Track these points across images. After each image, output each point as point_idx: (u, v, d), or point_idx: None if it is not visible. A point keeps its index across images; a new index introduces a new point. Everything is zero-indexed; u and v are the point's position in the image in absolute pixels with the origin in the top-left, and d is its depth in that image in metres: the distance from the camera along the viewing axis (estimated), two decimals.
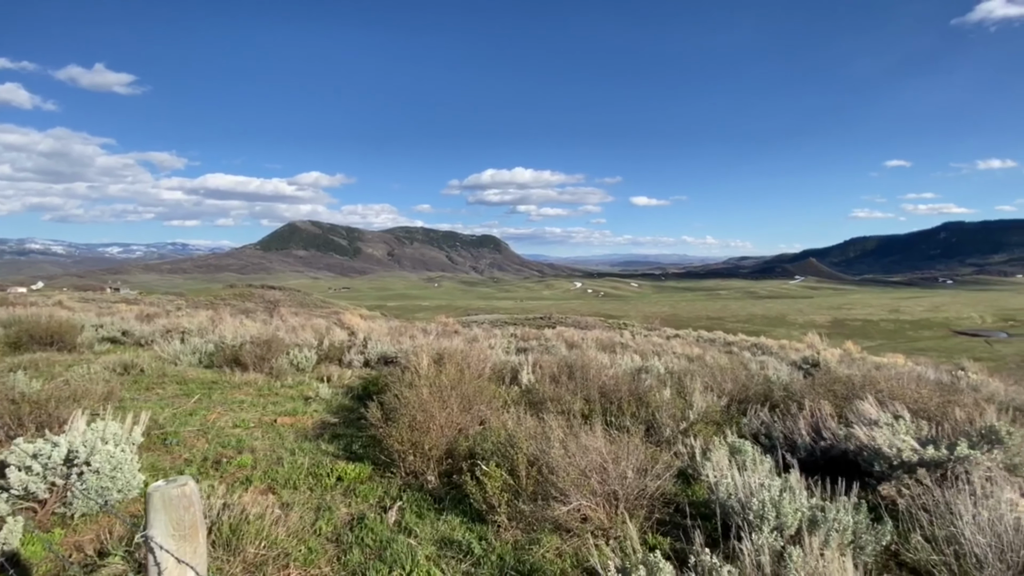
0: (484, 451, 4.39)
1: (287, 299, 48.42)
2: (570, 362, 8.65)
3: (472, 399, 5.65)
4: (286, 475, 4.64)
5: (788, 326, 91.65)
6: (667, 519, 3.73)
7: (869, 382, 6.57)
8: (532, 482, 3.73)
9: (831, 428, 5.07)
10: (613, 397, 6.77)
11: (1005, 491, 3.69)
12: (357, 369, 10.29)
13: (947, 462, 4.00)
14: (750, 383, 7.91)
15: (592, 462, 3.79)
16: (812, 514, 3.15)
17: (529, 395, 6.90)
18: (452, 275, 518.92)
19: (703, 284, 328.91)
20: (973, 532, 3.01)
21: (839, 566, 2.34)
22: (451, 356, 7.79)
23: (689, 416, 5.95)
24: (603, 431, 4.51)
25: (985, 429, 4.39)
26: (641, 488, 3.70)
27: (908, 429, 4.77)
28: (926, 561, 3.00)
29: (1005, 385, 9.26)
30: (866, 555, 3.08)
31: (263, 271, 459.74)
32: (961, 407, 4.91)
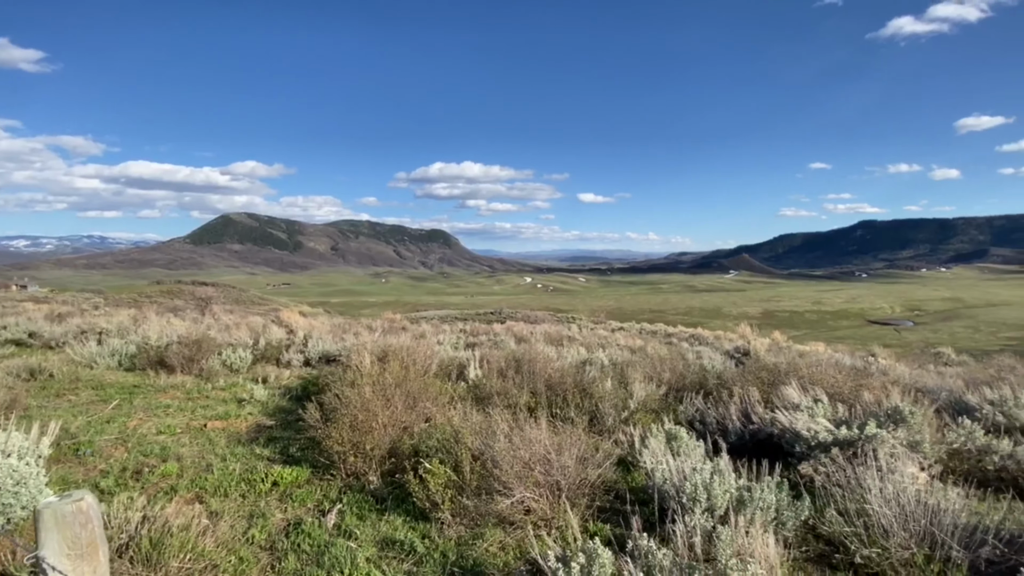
0: (429, 448, 4.33)
1: (221, 296, 45.64)
2: (518, 356, 8.71)
3: (417, 396, 5.56)
4: (216, 482, 4.38)
5: (724, 318, 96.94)
6: (608, 506, 3.84)
7: (793, 369, 7.05)
8: (476, 477, 3.72)
9: (758, 413, 5.40)
10: (559, 389, 6.88)
11: (908, 466, 4.08)
12: (296, 369, 9.88)
13: (858, 441, 4.37)
14: (687, 372, 8.29)
15: (536, 454, 3.83)
16: (740, 494, 3.34)
17: (476, 390, 6.88)
18: (400, 270, 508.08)
19: (646, 278, 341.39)
20: (880, 504, 3.30)
21: (762, 542, 2.50)
22: (396, 353, 7.63)
23: (630, 405, 6.15)
24: (548, 423, 4.57)
25: (891, 410, 4.83)
26: (583, 477, 3.78)
27: (825, 412, 5.17)
28: (840, 533, 3.25)
29: (909, 369, 10.26)
30: (787, 530, 3.30)
31: (194, 266, 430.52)
32: (870, 390, 5.38)
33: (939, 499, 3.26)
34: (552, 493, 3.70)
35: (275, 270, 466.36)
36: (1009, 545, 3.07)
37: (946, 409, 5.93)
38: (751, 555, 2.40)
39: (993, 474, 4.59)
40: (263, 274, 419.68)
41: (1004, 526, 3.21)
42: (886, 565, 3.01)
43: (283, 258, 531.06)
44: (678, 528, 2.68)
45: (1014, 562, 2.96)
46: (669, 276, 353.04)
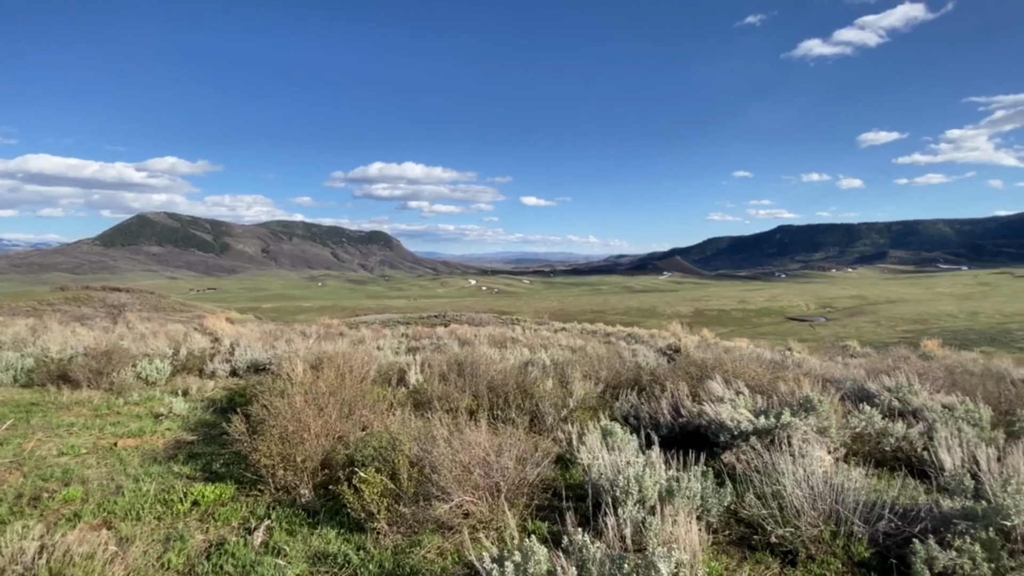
0: (365, 457, 4.20)
1: (136, 303, 41.93)
2: (460, 359, 8.65)
3: (354, 404, 5.39)
4: (127, 506, 4.02)
5: (659, 317, 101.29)
6: (547, 504, 3.90)
7: (718, 364, 7.49)
8: (414, 484, 3.65)
9: (687, 406, 5.69)
10: (500, 391, 6.90)
11: (817, 450, 4.44)
12: (222, 380, 9.27)
13: (775, 429, 4.71)
14: (623, 370, 8.60)
15: (475, 457, 3.82)
16: (669, 485, 3.50)
17: (417, 395, 6.77)
18: (338, 273, 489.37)
19: (587, 280, 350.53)
20: (793, 487, 3.58)
21: (686, 529, 2.64)
22: (332, 360, 7.35)
23: (569, 404, 6.29)
24: (488, 425, 4.58)
25: (803, 399, 5.25)
26: (522, 477, 3.82)
27: (746, 403, 5.53)
28: (758, 515, 3.49)
29: (820, 361, 11.20)
30: (712, 516, 3.51)
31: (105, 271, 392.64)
32: (785, 382, 5.83)
33: (843, 479, 3.58)
34: (492, 495, 3.70)
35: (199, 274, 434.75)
36: (903, 518, 3.42)
37: (850, 397, 6.53)
38: (676, 542, 2.53)
39: (890, 454, 5.10)
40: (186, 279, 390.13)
41: (899, 501, 3.58)
42: (798, 543, 3.26)
43: (208, 261, 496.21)
44: (609, 521, 2.78)
45: (907, 533, 3.30)
46: (608, 278, 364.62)
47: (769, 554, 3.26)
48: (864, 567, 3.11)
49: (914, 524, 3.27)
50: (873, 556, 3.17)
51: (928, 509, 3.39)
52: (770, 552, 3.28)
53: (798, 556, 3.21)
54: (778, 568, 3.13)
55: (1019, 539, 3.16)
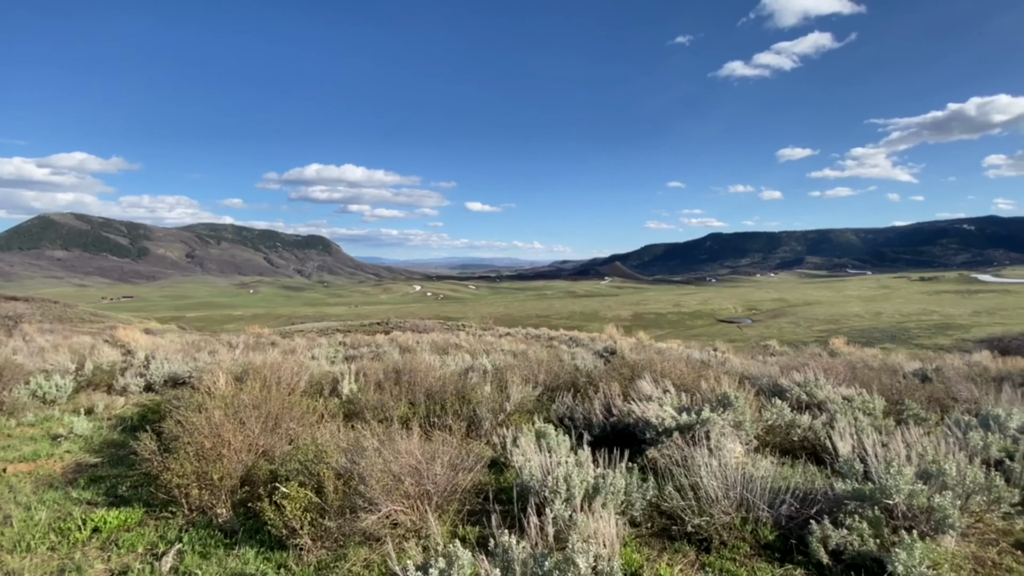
0: (290, 472, 4.04)
1: (36, 313, 37.71)
2: (398, 367, 8.51)
3: (280, 417, 5.16)
4: (15, 536, 3.63)
5: (600, 320, 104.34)
6: (479, 508, 3.91)
7: (648, 365, 7.83)
8: (340, 496, 3.55)
9: (618, 406, 5.91)
10: (438, 398, 6.85)
11: (732, 443, 4.75)
12: (135, 396, 8.56)
13: (695, 425, 5.00)
14: (561, 372, 8.79)
15: (406, 466, 3.78)
16: (596, 482, 3.63)
17: (350, 405, 6.58)
18: (272, 279, 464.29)
19: (532, 285, 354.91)
20: (709, 478, 3.81)
21: (607, 523, 2.75)
22: (258, 371, 6.99)
23: (507, 408, 6.34)
24: (422, 433, 4.53)
25: (721, 396, 5.60)
26: (454, 483, 3.82)
27: (672, 401, 5.83)
28: (677, 507, 3.69)
29: (742, 360, 11.99)
30: (635, 510, 3.67)
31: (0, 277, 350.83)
32: (707, 380, 6.19)
33: (753, 469, 3.86)
34: (422, 503, 3.67)
35: (113, 281, 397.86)
36: (802, 502, 3.73)
37: (765, 392, 7.04)
38: (597, 536, 2.63)
39: (798, 444, 5.54)
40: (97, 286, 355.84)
41: (800, 486, 3.90)
42: (712, 531, 3.48)
43: (124, 267, 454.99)
44: (532, 520, 2.84)
45: (806, 515, 3.60)
46: (553, 283, 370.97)
47: (687, 543, 3.46)
48: (769, 549, 3.37)
49: (812, 506, 3.58)
50: (777, 538, 3.44)
51: (824, 492, 3.73)
52: (687, 541, 3.48)
53: (712, 543, 3.42)
54: (694, 555, 3.33)
55: (900, 515, 3.54)
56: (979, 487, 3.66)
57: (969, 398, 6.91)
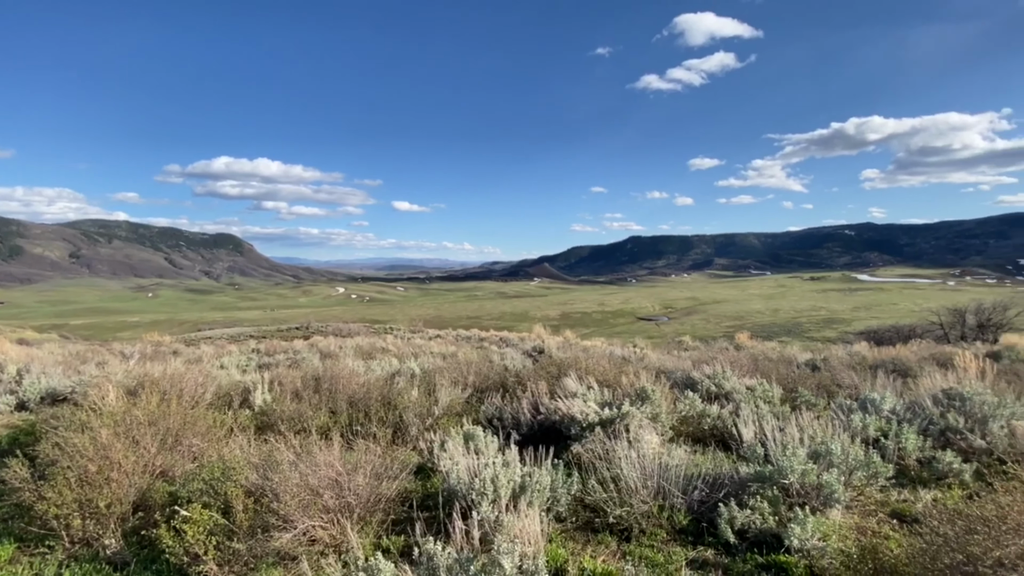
0: (192, 492, 3.68)
1: None
2: (319, 374, 8.09)
3: (182, 433, 4.70)
4: None
5: (530, 320, 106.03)
6: (404, 517, 3.80)
7: (574, 362, 8.07)
8: (251, 516, 3.29)
9: (545, 404, 6.02)
10: (362, 405, 6.59)
11: (649, 435, 5.01)
12: (6, 415, 7.44)
13: (617, 419, 5.21)
14: (491, 373, 8.81)
15: (325, 478, 3.59)
16: (522, 481, 3.66)
17: (263, 417, 6.15)
18: (175, 282, 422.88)
19: (463, 286, 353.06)
20: (629, 469, 3.98)
21: (532, 521, 2.78)
22: (156, 384, 6.33)
23: (435, 412, 6.24)
24: (343, 443, 4.33)
25: (640, 390, 5.89)
26: (378, 493, 3.68)
27: (596, 397, 6.03)
28: (600, 499, 3.82)
29: (659, 355, 12.70)
30: (560, 506, 3.75)
31: None
32: (627, 375, 6.49)
33: (668, 458, 4.08)
34: (343, 516, 3.50)
35: None
36: (712, 486, 4.01)
37: (679, 384, 7.50)
38: (521, 535, 2.65)
39: (708, 432, 5.95)
40: None
41: (710, 472, 4.19)
42: (632, 520, 3.64)
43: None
44: (457, 525, 2.81)
45: (715, 499, 3.87)
46: (484, 283, 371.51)
47: (609, 534, 3.59)
48: (683, 533, 3.58)
49: (720, 490, 3.86)
50: (690, 523, 3.66)
51: (731, 476, 4.03)
52: (610, 532, 3.61)
53: (632, 532, 3.58)
54: (615, 545, 3.45)
55: (795, 493, 3.91)
56: (860, 464, 4.13)
57: (851, 384, 7.80)
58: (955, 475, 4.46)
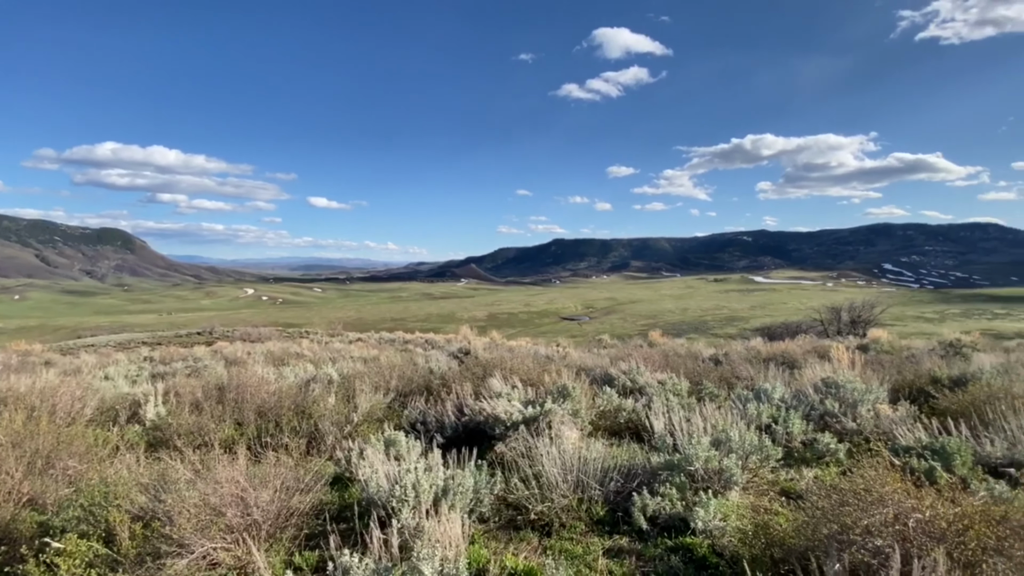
0: (67, 521, 3.23)
1: None
2: (223, 383, 7.47)
3: (54, 454, 4.13)
4: None
5: (457, 322, 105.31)
6: (319, 531, 3.60)
7: (500, 362, 8.13)
8: (139, 542, 2.96)
9: (470, 405, 6.01)
10: (272, 415, 6.18)
11: (569, 431, 5.17)
12: None
13: (539, 417, 5.32)
14: (415, 376, 8.62)
15: (228, 496, 3.31)
16: (445, 484, 3.62)
17: (156, 432, 5.56)
18: (48, 282, 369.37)
19: (386, 287, 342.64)
20: (550, 465, 4.08)
21: (454, 525, 2.75)
22: (21, 399, 5.50)
23: (354, 419, 5.99)
24: (251, 456, 4.03)
25: (561, 387, 6.06)
26: (288, 508, 3.46)
27: (520, 396, 6.12)
28: (522, 497, 3.88)
29: (580, 354, 13.16)
30: (484, 506, 3.75)
31: None
32: (549, 373, 6.65)
33: (587, 452, 4.23)
34: (250, 535, 3.25)
35: None
36: (627, 477, 4.21)
37: (598, 381, 7.82)
38: (442, 539, 2.62)
39: (624, 425, 6.25)
40: None
41: (624, 463, 4.40)
42: (553, 515, 3.73)
43: None
44: (375, 535, 2.71)
45: (629, 489, 4.07)
46: (409, 284, 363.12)
47: (531, 530, 3.65)
48: (600, 524, 3.73)
49: (634, 480, 4.07)
50: (607, 513, 3.82)
51: (643, 466, 4.26)
52: (531, 528, 3.67)
53: (553, 526, 3.66)
54: (537, 541, 3.52)
55: (699, 478, 4.21)
56: (754, 448, 4.54)
57: (748, 376, 8.56)
58: (832, 454, 5.05)
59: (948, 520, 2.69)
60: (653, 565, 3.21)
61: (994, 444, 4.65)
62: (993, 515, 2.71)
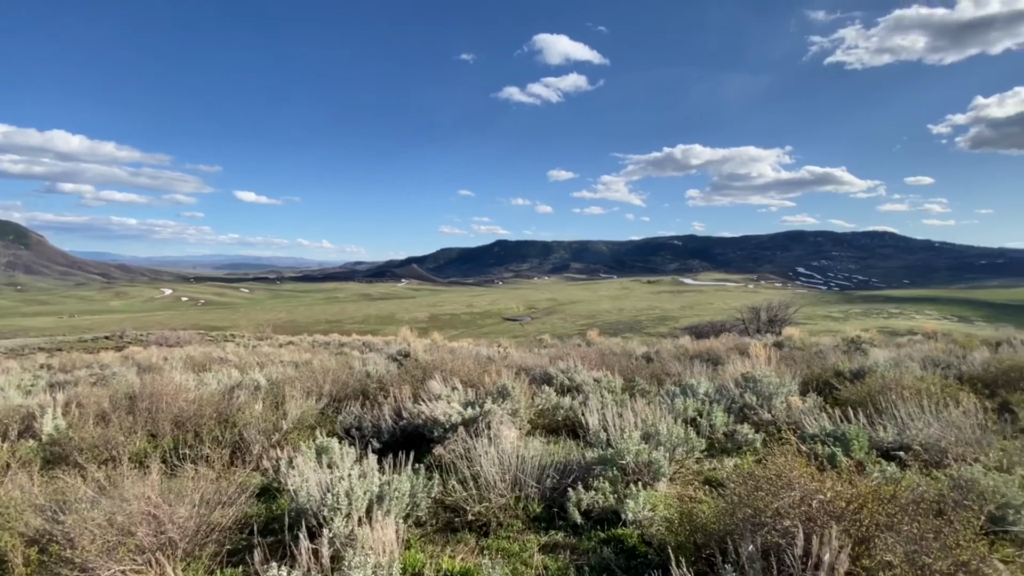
0: None
1: None
2: (135, 392, 6.87)
3: None
4: None
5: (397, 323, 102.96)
6: (244, 546, 3.41)
7: (440, 364, 8.06)
8: (33, 569, 2.66)
9: (408, 408, 5.91)
10: (191, 425, 5.77)
11: (508, 430, 5.21)
12: None
13: (479, 417, 5.33)
14: (351, 380, 8.35)
15: (138, 513, 3.05)
16: (380, 490, 3.54)
17: (55, 448, 5.02)
18: None
19: (321, 287, 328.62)
20: (488, 466, 4.10)
21: (387, 530, 2.70)
22: None
23: (283, 426, 5.71)
24: (166, 470, 3.74)
25: (501, 387, 6.11)
26: (208, 524, 3.24)
27: (460, 397, 6.10)
28: (460, 499, 3.87)
29: (521, 354, 13.30)
30: (421, 510, 3.71)
31: None
32: (490, 374, 6.68)
33: (525, 451, 4.29)
34: (165, 554, 3.01)
35: None
36: (562, 473, 4.31)
37: (538, 380, 7.94)
38: (375, 546, 2.56)
39: (561, 423, 6.39)
40: None
41: (561, 460, 4.50)
42: (491, 515, 3.75)
43: None
44: (304, 546, 2.61)
45: (565, 484, 4.17)
46: (346, 285, 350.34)
47: (468, 531, 3.65)
48: (537, 520, 3.80)
49: (569, 476, 4.18)
50: (543, 510, 3.90)
51: (579, 462, 4.39)
52: (469, 529, 3.67)
53: (491, 526, 3.68)
54: (474, 542, 3.53)
55: (631, 472, 4.39)
56: (681, 440, 4.80)
57: (676, 372, 9.03)
58: (749, 444, 5.44)
59: (846, 500, 2.98)
60: (586, 558, 3.31)
61: (886, 430, 5.21)
62: (884, 494, 3.04)
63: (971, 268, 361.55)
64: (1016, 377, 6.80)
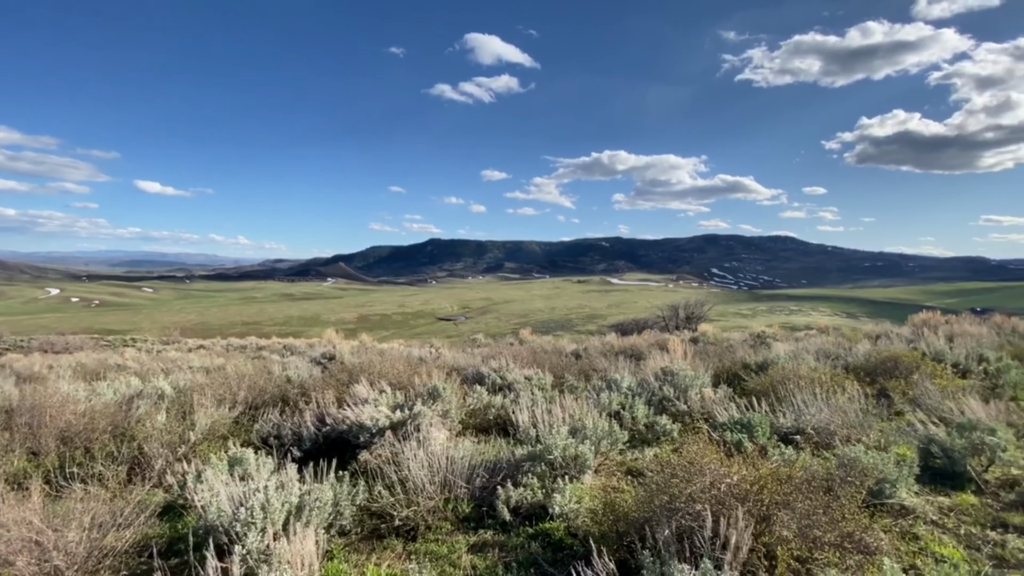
0: None
1: None
2: (11, 405, 6.05)
3: None
4: None
5: (323, 325, 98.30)
6: (143, 570, 3.11)
7: (368, 367, 7.79)
8: None
9: (332, 414, 5.66)
10: (81, 440, 5.17)
11: (438, 432, 5.16)
12: None
13: (408, 420, 5.23)
14: (269, 386, 7.87)
15: (17, 540, 2.69)
16: (300, 501, 3.37)
17: None
18: None
19: (237, 287, 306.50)
20: (416, 469, 4.03)
21: (306, 542, 2.58)
22: None
23: (190, 438, 5.26)
24: (51, 491, 3.32)
25: (431, 389, 6.03)
26: (101, 548, 2.92)
27: (388, 401, 5.94)
28: (387, 504, 3.77)
29: (454, 354, 13.21)
30: (345, 519, 3.57)
31: None
32: (420, 375, 6.57)
33: (455, 452, 4.27)
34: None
35: None
36: (492, 472, 4.33)
37: (470, 380, 7.93)
38: (293, 560, 2.43)
39: (493, 421, 6.42)
40: None
41: (491, 459, 4.52)
42: (419, 518, 3.70)
43: None
44: (211, 565, 2.43)
45: (494, 483, 4.20)
46: (265, 284, 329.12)
47: (395, 537, 3.57)
48: (467, 521, 3.80)
49: (499, 474, 4.21)
50: (473, 510, 3.90)
51: (508, 460, 4.44)
52: (396, 535, 3.59)
53: (419, 530, 3.63)
54: (401, 547, 3.46)
55: (559, 466, 4.50)
56: (605, 433, 5.00)
57: (603, 368, 9.39)
58: (668, 434, 5.78)
59: (749, 482, 3.25)
60: (515, 554, 3.36)
61: (785, 416, 5.74)
62: (781, 475, 3.35)
63: (857, 270, 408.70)
64: (891, 367, 7.75)
